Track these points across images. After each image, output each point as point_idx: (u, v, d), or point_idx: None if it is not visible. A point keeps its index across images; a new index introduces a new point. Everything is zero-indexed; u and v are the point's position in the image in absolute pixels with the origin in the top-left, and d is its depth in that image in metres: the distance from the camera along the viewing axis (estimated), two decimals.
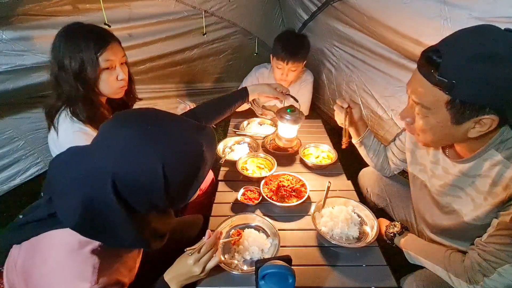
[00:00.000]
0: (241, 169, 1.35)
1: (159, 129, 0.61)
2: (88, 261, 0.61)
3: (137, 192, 0.60)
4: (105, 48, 1.04)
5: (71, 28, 1.04)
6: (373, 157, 1.25)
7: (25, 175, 1.92)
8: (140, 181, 0.59)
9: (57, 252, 0.60)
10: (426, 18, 1.32)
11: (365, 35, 1.99)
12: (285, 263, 0.75)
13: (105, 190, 0.57)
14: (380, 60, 1.95)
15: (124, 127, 0.60)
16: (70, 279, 0.58)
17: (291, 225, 1.10)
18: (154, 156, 0.58)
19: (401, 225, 1.05)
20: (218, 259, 0.83)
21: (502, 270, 0.73)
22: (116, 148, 0.58)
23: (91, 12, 1.60)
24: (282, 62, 1.68)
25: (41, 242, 0.62)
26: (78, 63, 1.01)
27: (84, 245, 0.61)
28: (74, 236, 0.60)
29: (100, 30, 1.07)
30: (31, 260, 0.61)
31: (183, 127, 0.66)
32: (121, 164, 0.57)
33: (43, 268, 0.59)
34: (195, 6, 2.06)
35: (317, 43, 2.60)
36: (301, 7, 2.45)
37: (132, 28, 1.84)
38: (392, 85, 1.90)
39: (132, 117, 0.63)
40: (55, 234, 0.61)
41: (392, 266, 0.95)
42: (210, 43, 2.39)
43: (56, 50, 1.03)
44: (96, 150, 0.60)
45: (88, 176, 0.59)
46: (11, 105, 1.71)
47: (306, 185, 1.26)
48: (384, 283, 0.90)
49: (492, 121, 0.65)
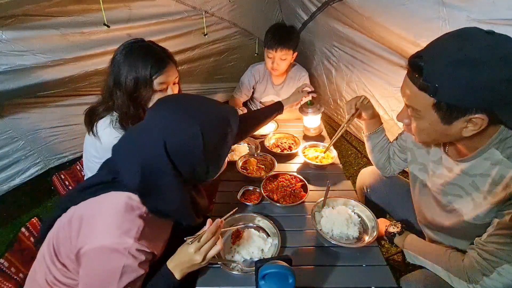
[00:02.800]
0: (241, 169, 1.35)
1: (194, 103, 0.79)
2: (135, 222, 0.72)
3: (183, 154, 0.73)
4: (161, 72, 1.09)
5: (132, 46, 1.10)
6: (377, 154, 1.24)
7: (24, 175, 1.92)
8: (184, 144, 0.73)
9: (112, 208, 0.72)
10: (424, 19, 1.32)
11: (364, 36, 1.99)
12: (285, 263, 0.75)
13: (159, 152, 0.71)
14: (380, 61, 1.95)
15: (167, 105, 0.78)
16: (119, 233, 0.69)
17: (291, 225, 1.10)
18: (193, 123, 0.73)
19: (401, 224, 1.05)
20: (220, 247, 0.83)
21: (501, 269, 0.73)
22: (163, 121, 0.74)
23: (91, 12, 1.60)
24: (272, 50, 1.75)
25: (102, 199, 0.75)
26: (132, 83, 1.06)
27: (134, 209, 0.73)
28: (128, 199, 0.73)
29: (159, 52, 1.11)
30: (91, 211, 0.74)
31: (212, 102, 0.84)
32: (169, 132, 0.72)
33: (99, 219, 0.71)
34: (195, 6, 2.06)
35: (317, 43, 2.60)
36: (301, 8, 2.45)
37: (132, 29, 1.84)
38: (392, 85, 1.91)
39: (171, 98, 0.82)
40: (114, 195, 0.74)
41: (392, 266, 0.95)
42: (210, 44, 2.39)
43: (114, 66, 1.08)
44: (147, 125, 0.76)
45: (145, 144, 0.73)
46: (11, 105, 1.71)
47: (306, 185, 1.26)
48: (384, 283, 0.90)
49: (482, 120, 0.66)
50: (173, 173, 0.73)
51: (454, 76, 0.63)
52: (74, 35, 1.60)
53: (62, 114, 1.94)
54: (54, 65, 1.58)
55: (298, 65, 2.04)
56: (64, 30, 1.55)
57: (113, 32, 1.72)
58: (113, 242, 0.69)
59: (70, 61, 1.63)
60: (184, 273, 0.82)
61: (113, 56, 1.10)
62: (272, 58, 1.80)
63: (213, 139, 0.77)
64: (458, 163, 0.85)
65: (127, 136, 0.80)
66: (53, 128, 1.94)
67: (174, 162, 0.73)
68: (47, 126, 1.91)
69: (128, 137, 0.80)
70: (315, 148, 1.54)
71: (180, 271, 0.81)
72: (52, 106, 1.88)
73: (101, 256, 0.70)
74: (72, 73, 1.68)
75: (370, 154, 1.28)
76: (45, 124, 1.89)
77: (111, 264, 0.70)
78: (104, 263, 0.70)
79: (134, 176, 0.72)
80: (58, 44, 1.55)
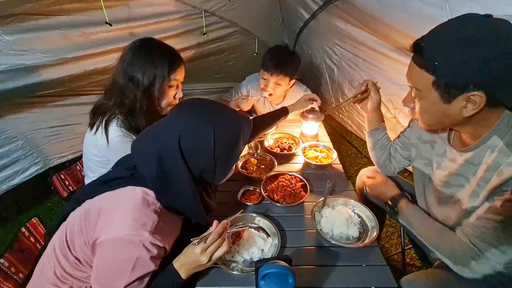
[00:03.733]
0: (241, 169, 1.34)
1: (213, 108, 0.84)
2: (151, 217, 0.75)
3: (194, 153, 0.78)
4: (176, 69, 1.14)
5: (145, 43, 1.14)
6: (378, 152, 1.24)
7: (24, 175, 1.91)
8: (197, 145, 0.78)
9: (131, 202, 0.75)
10: (427, 16, 1.32)
11: (366, 34, 1.98)
12: (285, 263, 0.75)
13: (173, 146, 0.76)
14: (383, 59, 1.95)
15: (188, 107, 0.84)
16: (136, 225, 0.72)
17: (291, 225, 1.10)
18: (208, 127, 0.78)
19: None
20: (226, 248, 0.83)
21: (489, 254, 0.75)
22: (181, 121, 0.80)
23: (92, 11, 1.60)
24: (267, 72, 1.66)
25: (121, 192, 0.78)
26: (150, 78, 1.10)
27: (150, 204, 0.77)
28: (145, 194, 0.77)
29: (172, 50, 1.17)
30: (109, 204, 0.77)
31: (229, 110, 0.89)
32: (185, 131, 0.77)
33: (117, 211, 0.75)
34: (195, 5, 2.05)
35: (319, 41, 2.60)
36: (303, 6, 2.45)
37: (132, 28, 1.83)
38: (394, 83, 1.90)
39: (192, 101, 0.86)
40: (131, 189, 0.78)
41: (392, 266, 0.95)
42: (210, 43, 2.39)
43: (126, 62, 1.10)
44: (167, 124, 0.82)
45: (162, 137, 0.79)
46: (10, 105, 1.70)
47: (306, 185, 1.26)
48: (384, 283, 0.89)
49: (480, 97, 0.68)
50: (184, 168, 0.78)
51: (451, 53, 0.68)
52: (74, 34, 1.59)
53: (62, 114, 1.93)
54: (54, 65, 1.57)
55: (298, 82, 1.92)
56: (64, 29, 1.55)
57: (113, 31, 1.72)
58: (130, 234, 0.71)
59: (70, 60, 1.63)
60: (189, 273, 0.83)
61: (124, 53, 1.13)
62: (266, 80, 1.70)
63: (224, 145, 0.81)
64: (461, 154, 0.85)
65: (147, 132, 0.85)
66: (53, 127, 1.94)
67: (186, 159, 0.78)
68: (47, 125, 1.90)
69: (148, 132, 0.84)
70: (315, 148, 1.54)
71: (186, 271, 0.82)
72: (51, 105, 1.87)
73: (117, 246, 0.73)
74: (72, 73, 1.68)
75: (371, 151, 1.27)
76: (44, 123, 1.88)
77: (126, 254, 0.72)
78: (119, 253, 0.73)
79: (151, 168, 0.77)
80: (58, 44, 1.55)
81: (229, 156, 0.86)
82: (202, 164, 0.81)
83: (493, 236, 0.75)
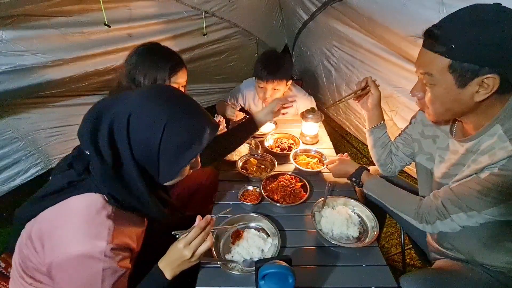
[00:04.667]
0: (241, 169, 1.35)
1: (179, 101, 0.77)
2: (104, 224, 0.69)
3: (140, 135, 0.70)
4: (177, 72, 1.18)
5: (150, 47, 1.19)
6: (379, 150, 1.24)
7: (25, 176, 1.92)
8: (145, 126, 0.70)
9: (77, 215, 0.68)
10: (425, 19, 1.31)
11: (364, 36, 1.99)
12: (285, 263, 0.75)
13: (124, 118, 0.69)
14: (380, 61, 1.95)
15: (156, 89, 0.78)
16: (89, 238, 0.66)
17: (291, 225, 1.10)
18: (163, 114, 0.72)
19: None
20: (210, 243, 0.82)
21: (456, 216, 0.81)
22: (143, 97, 0.73)
23: (91, 12, 1.61)
24: (262, 81, 1.64)
25: (62, 207, 0.70)
26: (151, 81, 1.14)
27: (100, 211, 0.69)
28: (91, 203, 0.70)
29: (173, 54, 1.21)
30: (50, 224, 0.69)
31: (198, 110, 0.80)
32: (140, 107, 0.71)
33: (62, 230, 0.67)
34: (195, 6, 2.06)
35: (317, 43, 2.60)
36: (301, 8, 2.46)
37: (132, 29, 1.84)
38: (391, 86, 1.91)
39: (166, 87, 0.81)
40: (75, 200, 0.70)
41: (392, 266, 0.95)
42: (210, 44, 2.39)
43: (131, 65, 1.14)
44: (128, 97, 0.73)
45: (115, 111, 0.70)
46: (11, 106, 1.71)
47: (306, 185, 1.26)
48: (384, 283, 0.90)
49: (494, 80, 0.69)
50: (129, 148, 0.70)
51: (467, 34, 0.69)
52: (74, 35, 1.60)
53: (63, 114, 1.93)
54: (54, 65, 1.58)
55: (297, 86, 1.92)
56: (64, 30, 1.55)
57: (113, 32, 1.73)
58: (85, 249, 0.66)
59: (70, 61, 1.63)
60: (174, 273, 0.80)
61: (129, 56, 1.18)
62: (263, 89, 1.67)
63: (173, 139, 0.73)
64: (463, 144, 0.86)
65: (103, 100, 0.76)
66: (54, 128, 1.94)
67: (130, 138, 0.70)
68: (48, 126, 1.90)
69: (105, 99, 0.76)
70: (306, 153, 1.50)
71: (171, 270, 0.80)
72: (52, 106, 1.87)
73: (76, 265, 0.66)
74: (72, 73, 1.68)
75: (371, 150, 1.27)
76: (45, 124, 1.89)
77: (89, 271, 0.67)
78: (81, 272, 0.67)
79: (103, 140, 0.68)
80: (58, 44, 1.56)
81: (177, 155, 0.76)
82: (146, 153, 0.73)
83: (466, 202, 0.78)
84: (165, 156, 0.74)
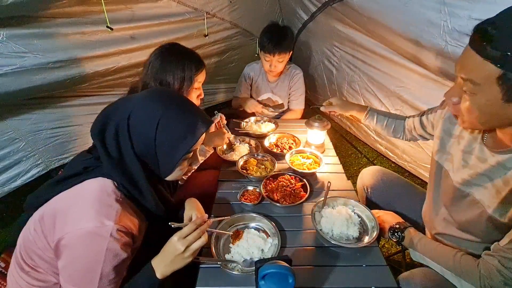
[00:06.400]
0: (241, 169, 1.35)
1: (174, 98, 0.85)
2: (113, 206, 0.75)
3: (138, 131, 0.79)
4: (201, 70, 1.24)
5: (171, 48, 1.22)
6: (381, 130, 1.34)
7: (26, 177, 1.92)
8: (142, 123, 0.79)
9: (89, 195, 0.75)
10: (426, 19, 1.32)
11: (365, 36, 1.99)
12: (285, 263, 0.75)
13: (124, 121, 0.78)
14: (382, 61, 1.95)
15: (153, 92, 0.86)
16: (99, 217, 0.72)
17: (291, 225, 1.10)
18: (157, 110, 0.79)
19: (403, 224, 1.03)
20: (204, 240, 0.82)
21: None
22: (137, 98, 0.82)
23: (93, 14, 1.61)
24: (269, 54, 1.79)
25: (76, 189, 0.77)
26: (179, 80, 1.18)
27: (110, 194, 0.77)
28: (103, 185, 0.77)
29: (196, 54, 1.26)
30: (64, 204, 0.76)
31: (191, 107, 0.86)
32: (138, 107, 0.79)
33: (76, 208, 0.74)
34: (196, 7, 2.07)
35: (317, 43, 2.60)
36: (301, 8, 2.46)
37: (133, 29, 1.84)
38: (394, 85, 1.91)
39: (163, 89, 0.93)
40: (88, 183, 0.78)
41: (392, 266, 0.95)
42: (211, 44, 2.40)
43: (156, 67, 1.17)
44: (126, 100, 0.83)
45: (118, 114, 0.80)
46: (12, 107, 1.71)
47: (306, 185, 1.26)
48: (384, 283, 0.89)
49: None
50: (130, 143, 0.78)
51: None
52: (75, 36, 1.60)
53: (63, 115, 1.94)
54: (55, 67, 1.58)
55: (294, 64, 2.06)
56: (65, 31, 1.56)
57: (116, 33, 1.73)
58: (95, 226, 0.71)
59: (71, 62, 1.64)
60: (167, 270, 0.80)
61: (151, 58, 1.20)
62: (269, 61, 1.83)
63: (167, 133, 0.80)
64: (495, 154, 0.78)
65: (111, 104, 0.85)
66: (54, 129, 1.94)
67: (131, 134, 0.79)
68: (48, 127, 1.91)
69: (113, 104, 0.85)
70: (301, 154, 1.48)
71: (164, 266, 0.79)
72: (53, 107, 1.88)
73: (84, 241, 0.71)
74: (73, 75, 1.68)
75: (380, 132, 1.39)
76: (46, 125, 1.89)
77: (95, 248, 0.72)
78: (88, 248, 0.72)
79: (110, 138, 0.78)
80: (59, 45, 1.56)
81: (172, 148, 0.82)
82: (145, 148, 0.80)
83: None
84: (162, 149, 0.81)
